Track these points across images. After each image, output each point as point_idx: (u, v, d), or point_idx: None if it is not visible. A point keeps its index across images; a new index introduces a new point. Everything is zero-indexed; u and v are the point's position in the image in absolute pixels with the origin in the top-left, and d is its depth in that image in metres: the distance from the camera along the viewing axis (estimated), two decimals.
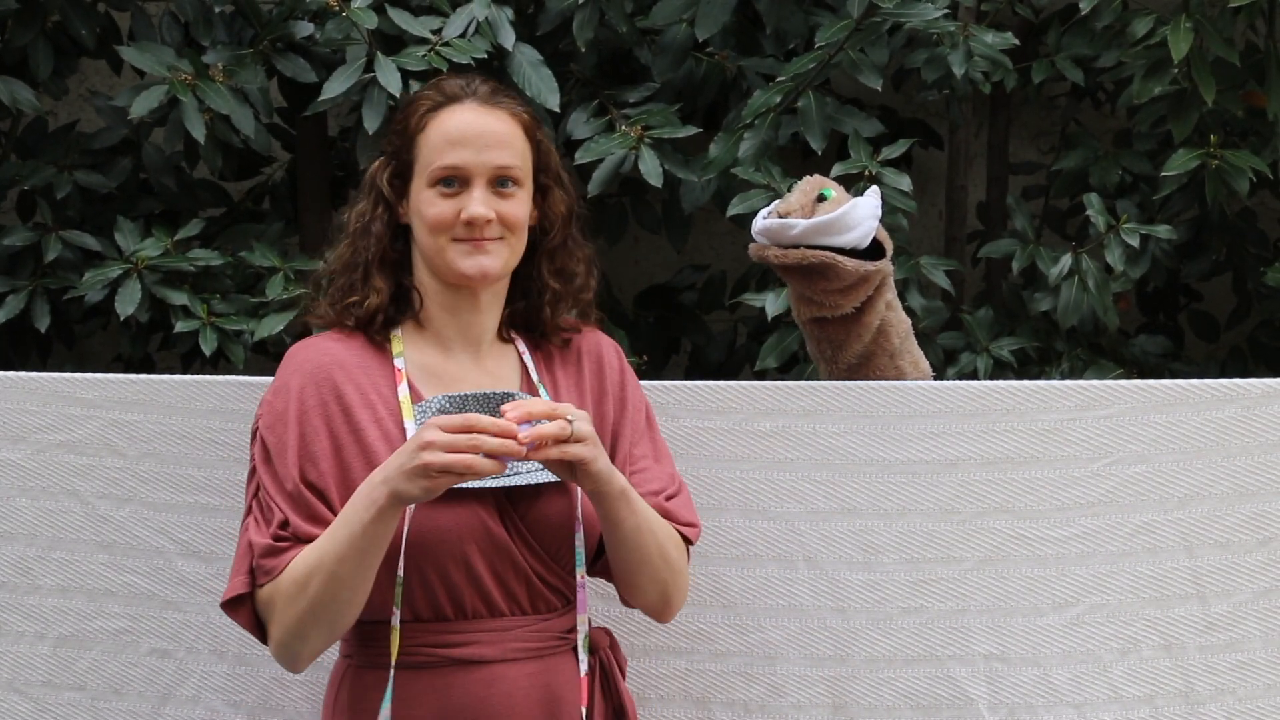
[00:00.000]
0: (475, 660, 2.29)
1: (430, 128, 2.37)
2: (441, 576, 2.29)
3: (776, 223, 2.69)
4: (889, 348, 2.78)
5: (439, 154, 2.35)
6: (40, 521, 2.69)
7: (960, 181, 4.30)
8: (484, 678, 2.29)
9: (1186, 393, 2.67)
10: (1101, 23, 3.89)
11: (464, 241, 2.35)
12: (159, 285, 3.63)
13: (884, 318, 2.77)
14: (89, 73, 4.46)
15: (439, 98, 2.39)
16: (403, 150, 2.39)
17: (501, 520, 2.31)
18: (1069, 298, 3.76)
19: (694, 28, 3.75)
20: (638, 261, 4.61)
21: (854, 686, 2.67)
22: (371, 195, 2.42)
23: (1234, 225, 4.10)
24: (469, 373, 2.39)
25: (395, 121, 2.45)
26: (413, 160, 2.38)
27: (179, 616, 2.69)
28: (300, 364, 2.37)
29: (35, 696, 2.70)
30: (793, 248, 2.68)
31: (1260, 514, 2.67)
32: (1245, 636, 2.67)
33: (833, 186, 2.74)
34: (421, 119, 2.38)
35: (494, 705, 2.29)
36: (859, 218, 2.69)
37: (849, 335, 2.75)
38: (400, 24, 3.60)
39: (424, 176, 2.36)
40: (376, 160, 2.45)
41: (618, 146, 3.63)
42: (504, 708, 2.30)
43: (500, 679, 2.30)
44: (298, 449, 2.30)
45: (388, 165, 2.42)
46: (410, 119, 2.39)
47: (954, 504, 2.67)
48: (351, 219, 2.44)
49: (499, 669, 2.30)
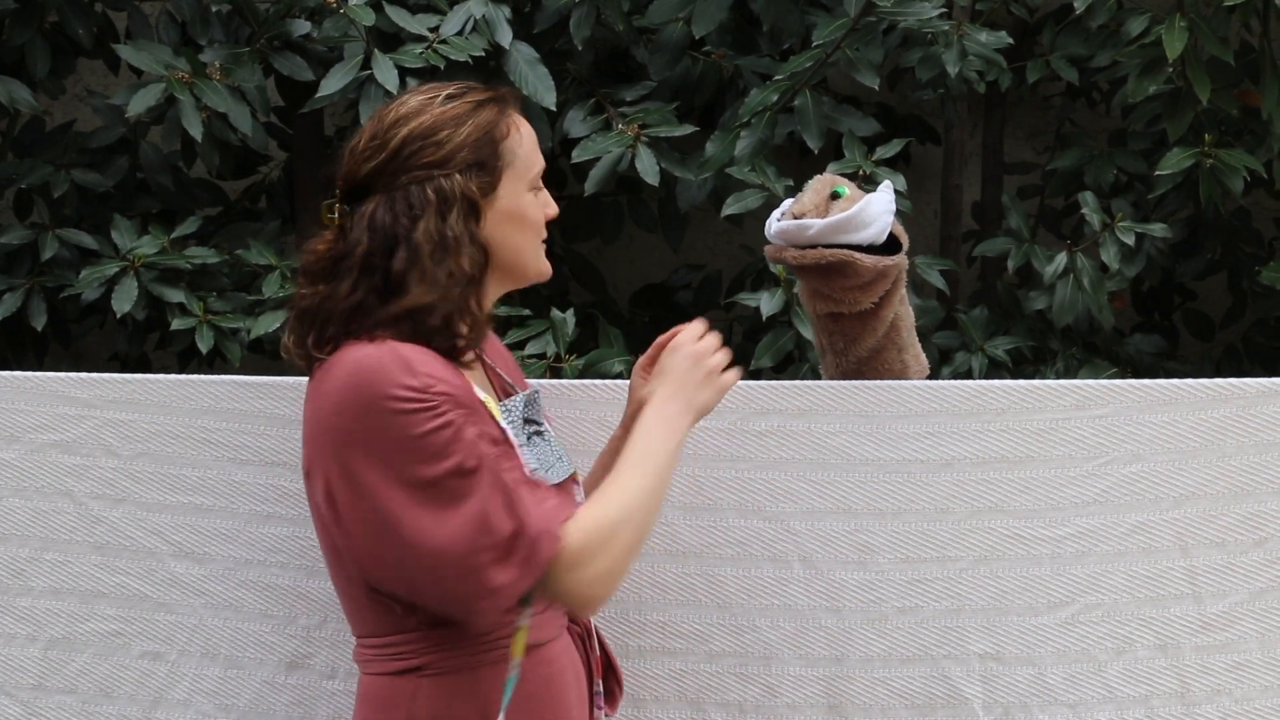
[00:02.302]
0: (538, 643, 2.29)
1: (515, 131, 2.33)
2: None
3: (792, 224, 2.69)
4: (899, 341, 2.79)
5: (535, 156, 2.35)
6: (33, 522, 2.69)
7: (955, 181, 4.30)
8: (545, 657, 2.30)
9: (1182, 392, 2.67)
10: (1096, 22, 3.90)
11: (543, 244, 2.37)
12: (156, 283, 3.64)
13: (896, 312, 2.78)
14: (86, 72, 4.46)
15: (499, 100, 2.35)
16: (491, 159, 2.31)
17: None
18: (1064, 297, 3.76)
19: (690, 26, 3.76)
20: (633, 261, 4.61)
21: (849, 686, 2.68)
22: (462, 208, 2.29)
23: (1229, 224, 4.11)
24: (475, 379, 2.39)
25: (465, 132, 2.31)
26: (502, 166, 2.32)
27: (171, 619, 2.68)
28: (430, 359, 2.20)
29: (25, 700, 2.69)
30: (810, 248, 2.68)
31: (1256, 514, 2.67)
32: (1241, 637, 2.67)
33: (845, 184, 2.74)
34: (506, 123, 2.33)
35: (555, 684, 2.31)
36: (874, 214, 2.68)
37: (864, 330, 2.75)
38: (397, 21, 3.60)
39: (524, 180, 2.33)
40: (453, 176, 2.29)
41: (614, 145, 3.63)
42: (560, 685, 2.32)
43: (556, 657, 2.32)
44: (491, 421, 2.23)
45: (471, 176, 2.30)
46: (497, 124, 2.32)
47: (949, 503, 2.67)
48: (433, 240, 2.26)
49: (552, 647, 2.32)
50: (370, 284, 2.24)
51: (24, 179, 3.87)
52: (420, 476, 2.16)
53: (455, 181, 2.28)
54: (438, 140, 2.29)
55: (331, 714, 2.65)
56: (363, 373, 2.18)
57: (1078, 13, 3.80)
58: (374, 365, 2.17)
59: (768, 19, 3.84)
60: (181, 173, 3.99)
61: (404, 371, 2.16)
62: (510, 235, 2.33)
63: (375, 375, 2.17)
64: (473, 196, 2.29)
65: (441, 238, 2.26)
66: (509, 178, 2.32)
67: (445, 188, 2.28)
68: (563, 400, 2.64)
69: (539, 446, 2.39)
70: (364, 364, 2.18)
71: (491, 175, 2.31)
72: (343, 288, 2.25)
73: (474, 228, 2.29)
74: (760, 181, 3.56)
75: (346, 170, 2.30)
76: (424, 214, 2.26)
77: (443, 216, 2.27)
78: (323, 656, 2.65)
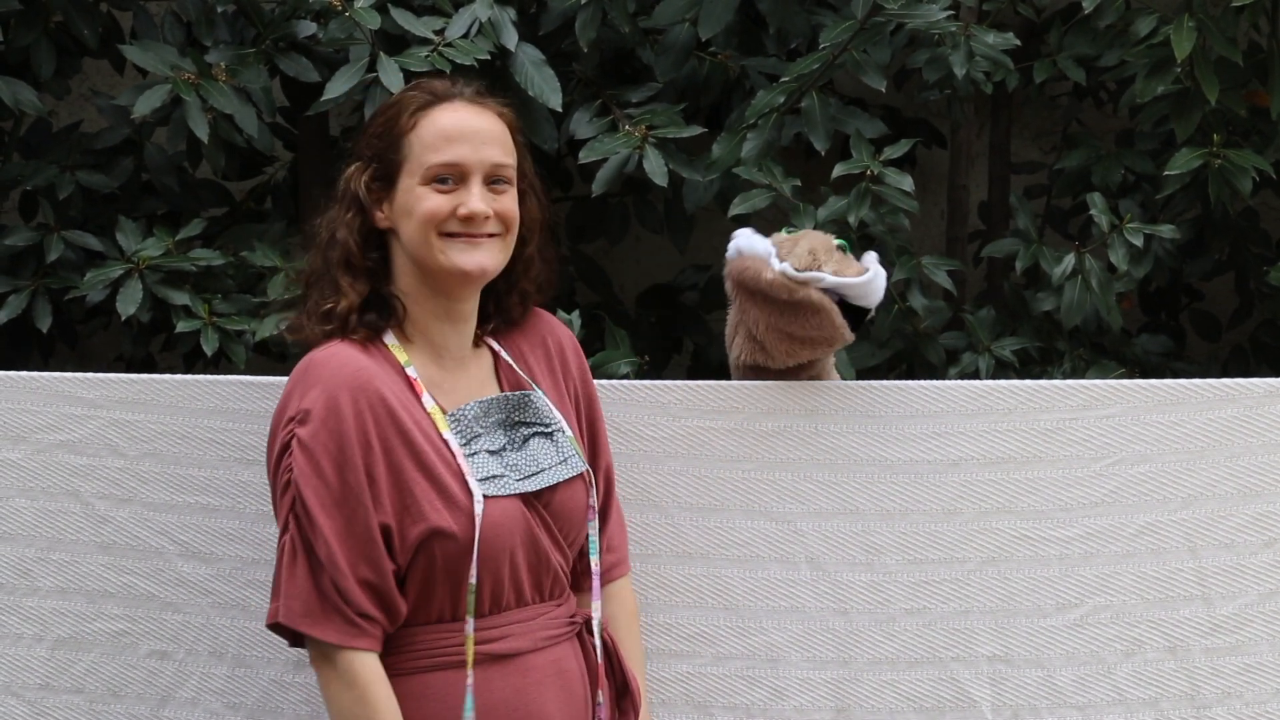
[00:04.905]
0: (511, 653, 2.33)
1: (422, 125, 2.35)
2: (491, 574, 2.31)
3: (811, 275, 2.66)
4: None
5: (435, 151, 2.34)
6: (40, 522, 2.69)
7: (962, 181, 4.29)
8: (519, 668, 2.33)
9: (1189, 392, 2.66)
10: (1104, 22, 3.88)
11: (458, 237, 2.34)
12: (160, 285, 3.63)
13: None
14: (91, 73, 4.45)
15: (427, 96, 2.39)
16: (388, 150, 2.37)
17: (531, 512, 2.35)
18: (1072, 297, 3.75)
19: (697, 28, 3.75)
20: (640, 261, 4.61)
21: (857, 689, 2.67)
22: (345, 200, 2.39)
23: (1236, 225, 4.10)
24: (459, 380, 2.39)
25: (375, 124, 2.41)
26: (401, 159, 2.36)
27: (178, 618, 2.69)
28: (335, 373, 2.29)
29: (33, 700, 2.70)
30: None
31: (1265, 515, 2.66)
32: (1251, 639, 2.66)
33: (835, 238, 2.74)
34: (412, 117, 2.36)
35: (529, 695, 2.32)
36: (879, 288, 2.69)
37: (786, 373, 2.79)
38: (403, 24, 3.59)
39: (418, 174, 2.34)
40: (352, 165, 2.41)
41: (622, 146, 3.63)
42: (536, 696, 2.33)
43: (532, 668, 2.34)
44: (368, 488, 2.27)
45: (367, 168, 2.38)
46: (399, 118, 2.37)
47: (957, 504, 2.67)
48: (322, 227, 2.41)
49: (530, 658, 2.34)
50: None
51: (29, 180, 3.87)
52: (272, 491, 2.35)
53: (352, 172, 2.39)
54: (364, 130, 2.42)
55: None
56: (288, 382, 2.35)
57: (1085, 13, 3.79)
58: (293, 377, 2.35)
59: (774, 20, 3.83)
60: (186, 174, 3.99)
61: (299, 394, 2.30)
62: (405, 226, 2.36)
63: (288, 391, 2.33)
64: (358, 190, 2.37)
65: (329, 225, 2.39)
66: (407, 171, 2.36)
67: (343, 177, 2.40)
68: None
69: (530, 449, 2.39)
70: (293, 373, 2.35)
71: (389, 168, 2.36)
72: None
73: (355, 220, 2.37)
74: (767, 181, 3.55)
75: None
76: (333, 202, 2.40)
77: (342, 205, 2.38)
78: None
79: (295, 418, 2.27)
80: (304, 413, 2.26)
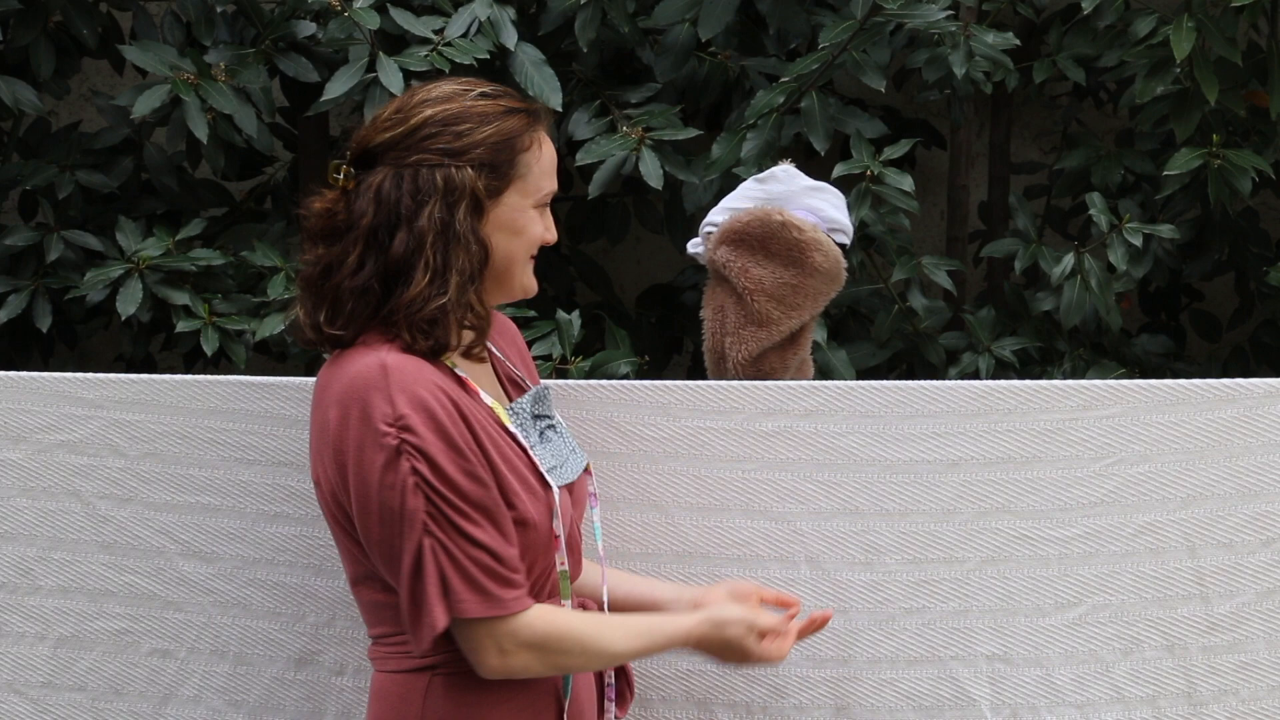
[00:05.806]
0: None
1: (536, 147, 2.33)
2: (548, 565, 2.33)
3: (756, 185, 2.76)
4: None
5: (549, 178, 2.35)
6: (41, 522, 2.69)
7: (962, 181, 4.30)
8: None
9: (1189, 393, 2.66)
10: (1103, 22, 3.89)
11: (533, 260, 2.37)
12: (160, 285, 3.64)
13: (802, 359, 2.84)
14: (91, 72, 4.46)
15: (530, 113, 2.35)
16: (505, 165, 2.31)
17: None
18: (1071, 297, 3.76)
19: (696, 28, 3.75)
20: (639, 261, 4.62)
21: (856, 688, 2.67)
22: (469, 203, 2.29)
23: (1236, 225, 4.10)
24: (481, 379, 2.39)
25: (482, 132, 2.31)
26: (515, 176, 2.31)
27: (180, 617, 2.69)
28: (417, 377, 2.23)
29: (35, 697, 2.70)
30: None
31: (1264, 514, 2.66)
32: (1249, 637, 2.66)
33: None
34: (530, 136, 2.32)
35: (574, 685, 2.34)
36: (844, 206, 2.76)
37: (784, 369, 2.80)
38: (402, 24, 3.60)
39: (533, 196, 2.33)
40: (464, 169, 2.28)
41: (618, 148, 3.63)
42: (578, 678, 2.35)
43: None
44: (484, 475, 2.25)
45: (479, 175, 2.29)
46: (520, 135, 2.32)
47: (956, 504, 2.67)
48: (437, 229, 2.27)
49: None
50: (375, 265, 2.26)
51: (29, 180, 3.88)
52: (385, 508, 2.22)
53: (466, 175, 2.28)
54: (458, 130, 2.29)
55: (341, 709, 2.66)
56: (356, 391, 2.23)
57: (1085, 13, 3.80)
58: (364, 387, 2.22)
59: (774, 20, 3.84)
60: (186, 174, 3.99)
61: (385, 400, 2.20)
62: (504, 243, 2.32)
63: (365, 399, 2.22)
64: (479, 194, 2.29)
65: (445, 228, 2.26)
66: (518, 189, 2.32)
67: (455, 178, 2.28)
68: (569, 401, 2.64)
69: (553, 441, 2.41)
70: (357, 383, 2.23)
71: (501, 180, 2.31)
72: (349, 261, 2.27)
73: (477, 225, 2.29)
74: None
75: (362, 135, 2.32)
76: (429, 200, 2.26)
77: (449, 207, 2.27)
78: (331, 653, 2.65)
79: (395, 424, 2.21)
80: (402, 418, 2.21)
